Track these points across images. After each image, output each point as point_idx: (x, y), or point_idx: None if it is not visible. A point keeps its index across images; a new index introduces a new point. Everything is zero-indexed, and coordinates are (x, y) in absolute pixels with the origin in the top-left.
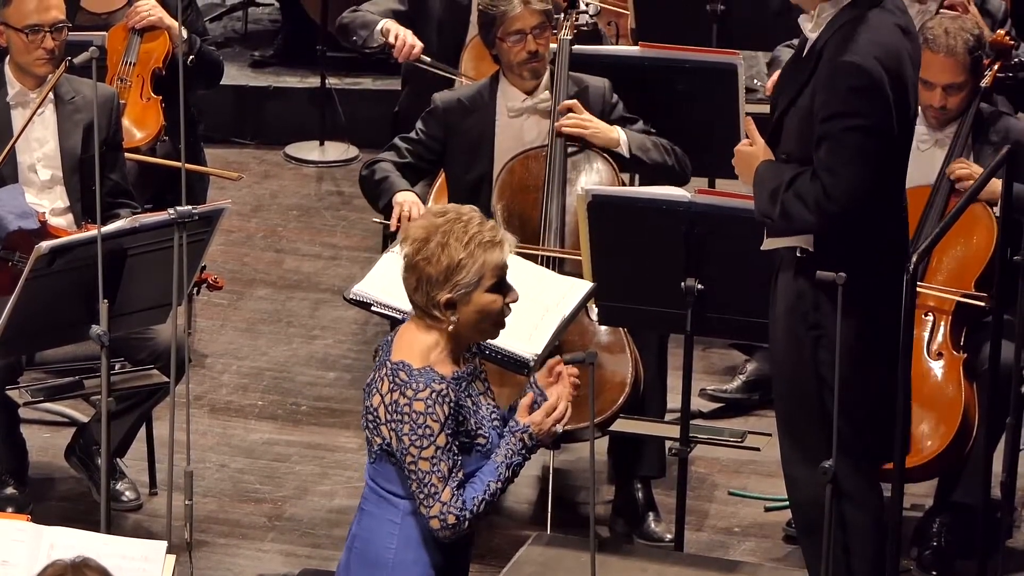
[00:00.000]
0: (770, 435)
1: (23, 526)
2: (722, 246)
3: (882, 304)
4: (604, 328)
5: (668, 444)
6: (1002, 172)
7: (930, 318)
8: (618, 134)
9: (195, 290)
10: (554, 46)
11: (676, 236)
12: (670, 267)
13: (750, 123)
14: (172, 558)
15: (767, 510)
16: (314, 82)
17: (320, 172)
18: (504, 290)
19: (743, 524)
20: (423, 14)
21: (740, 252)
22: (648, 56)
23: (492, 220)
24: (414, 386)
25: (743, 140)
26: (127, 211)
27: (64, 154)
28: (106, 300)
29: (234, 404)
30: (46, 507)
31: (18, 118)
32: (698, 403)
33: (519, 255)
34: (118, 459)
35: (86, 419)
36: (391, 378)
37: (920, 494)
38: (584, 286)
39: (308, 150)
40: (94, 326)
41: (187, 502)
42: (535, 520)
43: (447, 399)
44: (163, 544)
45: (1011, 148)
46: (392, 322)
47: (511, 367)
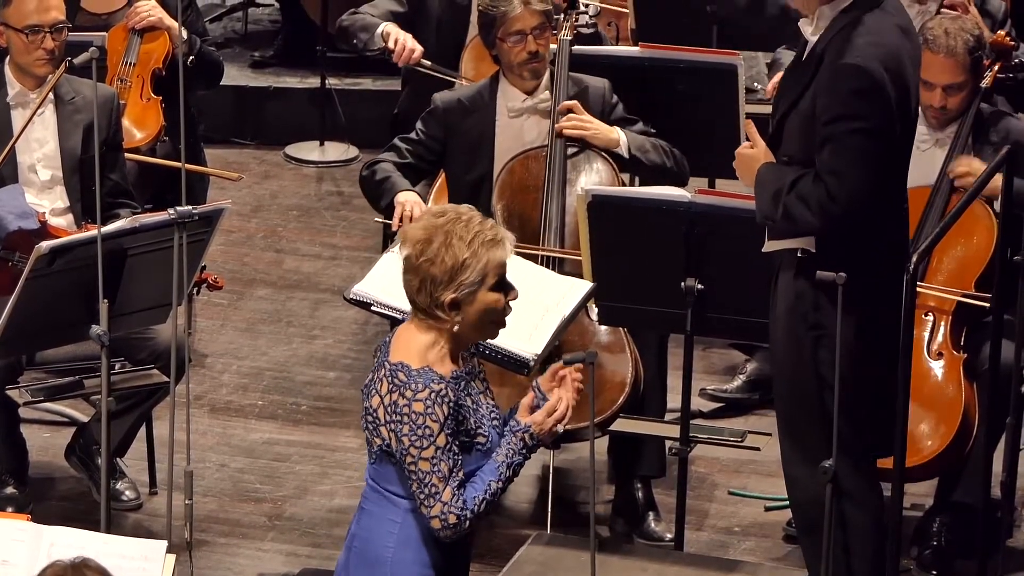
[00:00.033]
0: (770, 435)
1: (23, 526)
2: (722, 246)
3: (882, 304)
4: (604, 328)
5: (668, 444)
6: (1003, 172)
7: (930, 318)
8: (618, 135)
9: (195, 290)
10: (554, 46)
11: (676, 236)
12: (670, 267)
13: (751, 126)
14: (172, 558)
15: (767, 510)
16: (314, 82)
17: (320, 172)
18: (506, 289)
19: (743, 524)
20: (423, 15)
21: (740, 252)
22: (648, 56)
23: (491, 219)
24: (413, 387)
25: (744, 143)
26: (127, 211)
27: (64, 154)
28: (106, 300)
29: (234, 404)
30: (46, 507)
31: (18, 118)
32: (698, 403)
33: (519, 255)
34: (118, 459)
35: (86, 419)
36: (390, 379)
37: (920, 494)
38: (584, 286)
39: (308, 150)
40: (94, 326)
41: (187, 502)
42: (535, 520)
43: (446, 399)
44: (163, 544)
45: (1011, 148)
46: (392, 322)
47: (511, 367)
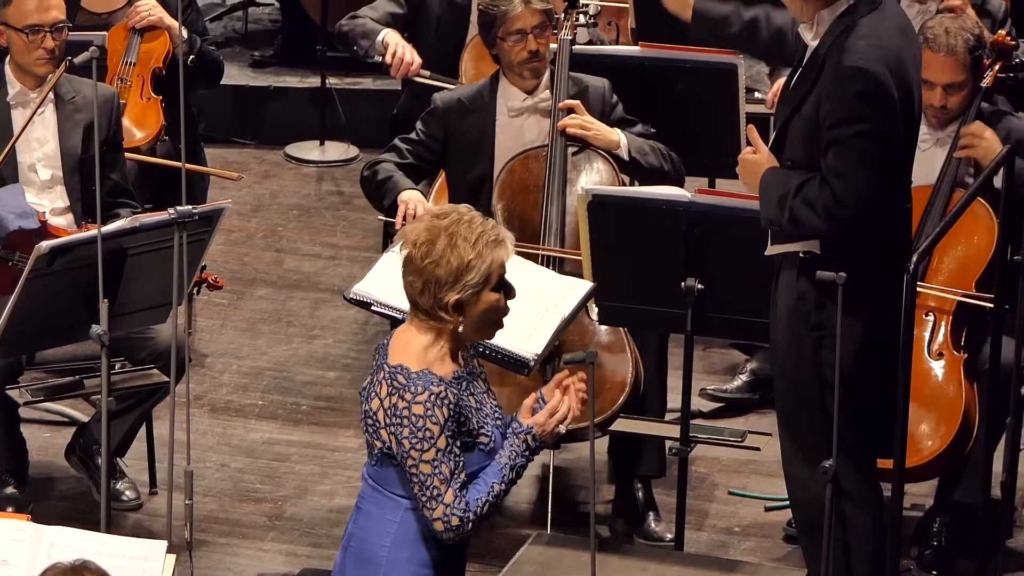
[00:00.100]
0: (770, 435)
1: (23, 526)
2: (722, 246)
3: (887, 305)
4: (604, 328)
5: (668, 444)
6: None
7: (931, 318)
8: (618, 137)
9: (195, 290)
10: (554, 46)
11: (676, 236)
12: (670, 267)
13: (752, 131)
14: (172, 558)
15: (767, 510)
16: (314, 82)
17: (320, 172)
18: (506, 288)
19: (743, 524)
20: (422, 15)
21: (740, 252)
22: (648, 56)
23: (492, 219)
24: (412, 389)
25: (745, 147)
26: (127, 211)
27: (64, 154)
28: (106, 300)
29: (234, 404)
30: (46, 507)
31: (18, 118)
32: (698, 403)
33: (519, 255)
34: (118, 459)
35: (86, 419)
36: (389, 382)
37: (920, 494)
38: (584, 286)
39: (308, 150)
40: (94, 326)
41: (187, 502)
42: (535, 520)
43: (446, 401)
44: (163, 544)
45: (1011, 148)
46: (392, 322)
47: (511, 367)
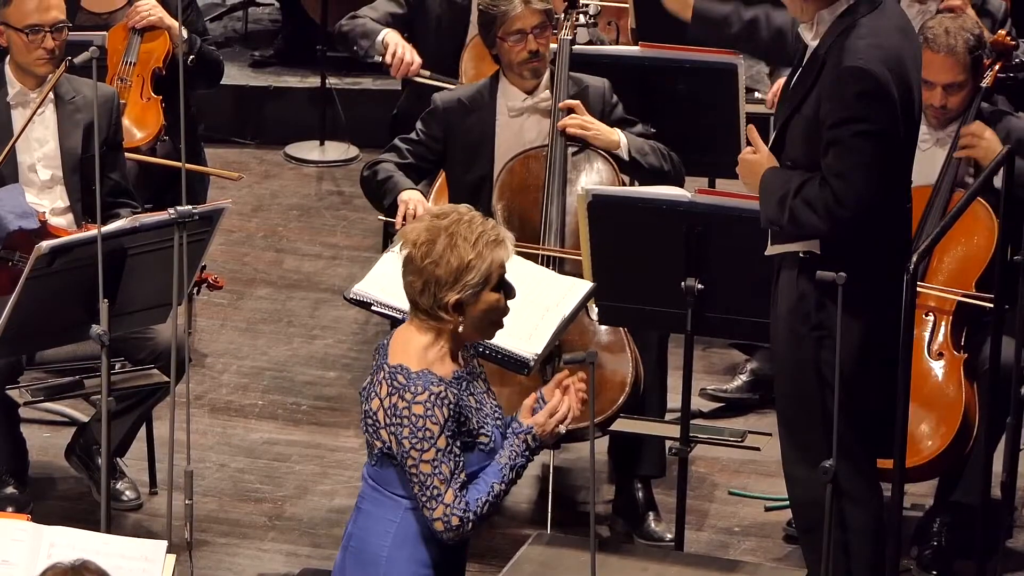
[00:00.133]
0: (770, 435)
1: (23, 526)
2: (722, 246)
3: (887, 305)
4: (604, 328)
5: (668, 444)
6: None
7: (931, 318)
8: (619, 137)
9: (195, 290)
10: (554, 46)
11: (676, 236)
12: (670, 267)
13: (752, 131)
14: (172, 558)
15: (767, 510)
16: (314, 82)
17: (320, 172)
18: (506, 288)
19: (743, 524)
20: (422, 15)
21: (740, 252)
22: (648, 56)
23: (491, 219)
24: (412, 389)
25: (745, 147)
26: (127, 211)
27: (64, 154)
28: (106, 300)
29: (234, 404)
30: (46, 507)
31: (18, 118)
32: (698, 403)
33: (519, 255)
34: (118, 459)
35: (86, 419)
36: (389, 382)
37: (920, 494)
38: (584, 286)
39: (308, 150)
40: (94, 326)
41: (187, 502)
42: (535, 519)
43: (446, 401)
44: (163, 544)
45: (1011, 148)
46: (392, 322)
47: (511, 367)
